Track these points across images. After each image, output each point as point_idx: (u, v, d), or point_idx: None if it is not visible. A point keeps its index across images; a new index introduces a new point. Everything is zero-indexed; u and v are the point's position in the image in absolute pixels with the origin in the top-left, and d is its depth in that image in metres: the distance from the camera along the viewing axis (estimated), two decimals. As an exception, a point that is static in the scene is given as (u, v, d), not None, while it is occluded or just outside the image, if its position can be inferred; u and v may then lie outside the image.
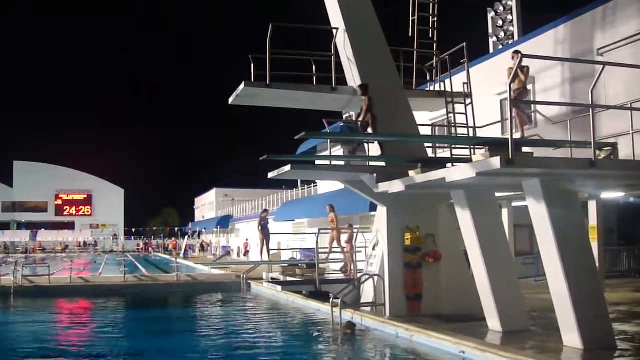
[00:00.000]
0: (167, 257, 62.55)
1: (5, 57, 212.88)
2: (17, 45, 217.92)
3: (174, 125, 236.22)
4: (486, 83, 21.93)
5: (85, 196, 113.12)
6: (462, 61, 17.28)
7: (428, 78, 18.40)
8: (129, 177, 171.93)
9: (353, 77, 16.59)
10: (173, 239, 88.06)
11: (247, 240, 58.22)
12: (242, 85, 15.66)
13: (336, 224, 25.40)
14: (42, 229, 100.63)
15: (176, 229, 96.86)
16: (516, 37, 26.59)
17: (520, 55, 10.90)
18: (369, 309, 16.13)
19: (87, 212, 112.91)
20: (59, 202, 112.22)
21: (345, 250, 24.17)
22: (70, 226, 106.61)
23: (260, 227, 29.09)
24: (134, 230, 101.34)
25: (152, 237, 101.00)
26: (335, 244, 24.52)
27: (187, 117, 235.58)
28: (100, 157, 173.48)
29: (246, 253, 55.39)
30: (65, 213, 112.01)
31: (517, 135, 13.73)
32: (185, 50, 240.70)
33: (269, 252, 28.22)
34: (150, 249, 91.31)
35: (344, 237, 25.24)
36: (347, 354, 13.36)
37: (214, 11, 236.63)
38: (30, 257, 68.07)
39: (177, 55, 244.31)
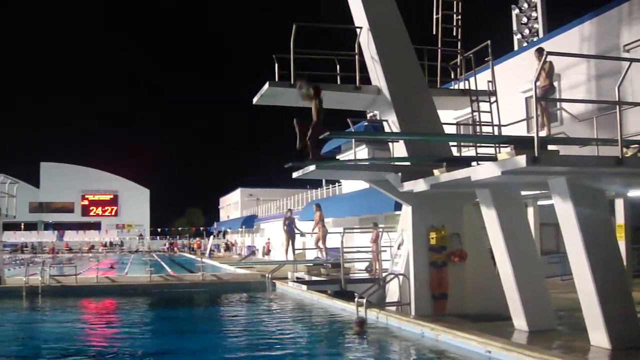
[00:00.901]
0: (193, 256, 62.79)
1: (32, 59, 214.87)
2: (45, 46, 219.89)
3: (198, 126, 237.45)
4: (511, 81, 21.82)
5: (111, 196, 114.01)
6: (486, 59, 17.20)
7: (452, 76, 18.33)
8: (154, 178, 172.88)
9: (377, 76, 16.56)
10: (197, 238, 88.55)
11: (268, 239, 58.50)
12: (266, 85, 15.70)
13: (322, 223, 25.79)
14: (69, 230, 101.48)
15: (201, 228, 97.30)
16: (541, 35, 26.47)
17: (545, 53, 10.81)
18: (394, 308, 16.10)
19: (113, 212, 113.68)
20: (85, 202, 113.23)
21: (371, 249, 24.21)
22: (96, 226, 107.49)
23: (285, 227, 29.18)
24: (159, 230, 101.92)
25: (178, 237, 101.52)
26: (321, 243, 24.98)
27: (212, 117, 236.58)
28: (126, 157, 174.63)
29: (268, 252, 55.61)
30: (91, 213, 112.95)
31: (543, 133, 13.65)
32: (209, 50, 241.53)
33: (294, 252, 28.29)
34: (175, 248, 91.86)
35: (368, 237, 25.28)
36: (373, 353, 13.33)
37: (244, 9, 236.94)
38: (57, 257, 68.63)
39: (202, 54, 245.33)
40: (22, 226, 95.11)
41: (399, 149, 16.39)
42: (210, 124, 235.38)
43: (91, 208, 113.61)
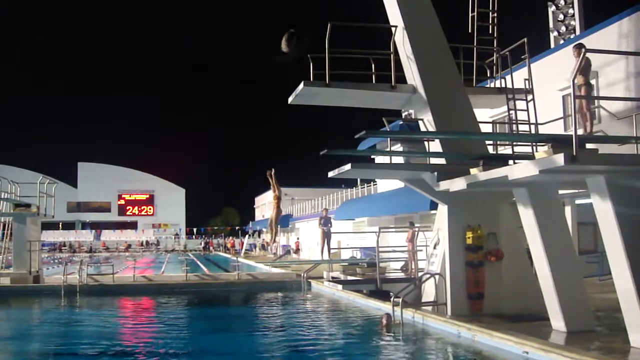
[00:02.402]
0: (229, 255, 63.15)
1: (73, 60, 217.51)
2: (85, 45, 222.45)
3: (233, 125, 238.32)
4: (548, 79, 21.62)
5: (148, 196, 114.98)
6: (522, 57, 17.04)
7: (488, 75, 18.18)
8: (190, 177, 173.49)
9: (412, 75, 16.49)
10: (231, 238, 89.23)
11: (298, 239, 58.83)
12: (301, 85, 15.69)
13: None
14: (106, 229, 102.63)
15: (237, 228, 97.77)
16: (578, 32, 26.15)
17: (584, 49, 10.68)
18: (430, 308, 16.05)
19: (150, 211, 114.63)
20: (122, 202, 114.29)
21: (407, 249, 24.16)
22: (132, 226, 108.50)
23: (321, 226, 29.22)
24: (195, 229, 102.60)
25: (213, 236, 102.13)
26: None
27: (247, 116, 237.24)
28: (162, 157, 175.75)
29: (297, 251, 55.85)
30: (128, 213, 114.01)
31: (582, 132, 13.50)
32: (247, 50, 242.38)
33: (329, 251, 28.31)
34: (211, 247, 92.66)
35: (403, 236, 25.17)
36: (409, 353, 13.29)
37: (276, 10, 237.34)
38: (95, 256, 69.42)
39: (239, 55, 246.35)
40: (60, 226, 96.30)
41: (434, 149, 16.33)
42: (245, 123, 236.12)
43: (128, 207, 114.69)
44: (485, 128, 20.14)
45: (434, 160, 16.18)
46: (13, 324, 18.95)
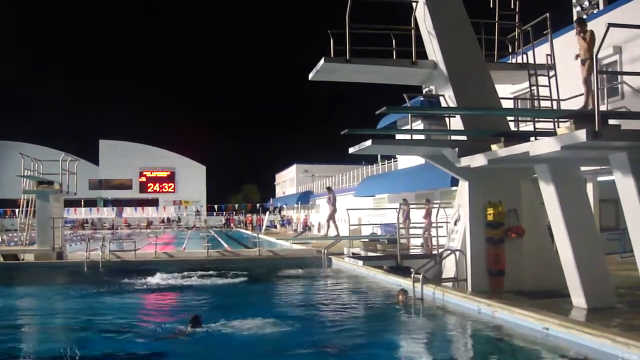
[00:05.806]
0: (249, 232, 63.40)
1: (93, 41, 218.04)
2: (108, 28, 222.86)
3: (254, 102, 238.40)
4: (570, 54, 21.40)
5: (168, 173, 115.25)
6: (545, 32, 16.89)
7: (510, 50, 18.06)
8: (210, 154, 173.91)
9: (433, 51, 16.42)
10: (249, 215, 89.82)
11: (305, 216, 58.93)
12: (321, 61, 15.66)
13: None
14: (127, 206, 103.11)
15: (257, 205, 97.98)
16: (601, 6, 25.85)
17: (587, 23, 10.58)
18: (450, 284, 16.07)
19: (170, 189, 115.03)
20: (143, 179, 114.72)
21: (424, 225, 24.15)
22: (154, 203, 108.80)
23: (330, 203, 29.34)
24: (215, 206, 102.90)
25: (234, 213, 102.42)
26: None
27: (268, 93, 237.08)
28: (182, 134, 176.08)
29: (305, 228, 56.14)
30: (149, 190, 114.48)
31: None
32: (264, 26, 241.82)
33: (336, 227, 28.39)
34: (232, 224, 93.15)
35: (421, 213, 25.13)
36: (430, 329, 13.32)
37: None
38: (117, 233, 69.90)
39: (256, 31, 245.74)
40: (82, 203, 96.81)
41: (455, 125, 16.27)
42: (265, 99, 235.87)
43: (149, 185, 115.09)
44: (507, 104, 20.01)
45: (454, 137, 16.12)
46: (37, 300, 19.16)
